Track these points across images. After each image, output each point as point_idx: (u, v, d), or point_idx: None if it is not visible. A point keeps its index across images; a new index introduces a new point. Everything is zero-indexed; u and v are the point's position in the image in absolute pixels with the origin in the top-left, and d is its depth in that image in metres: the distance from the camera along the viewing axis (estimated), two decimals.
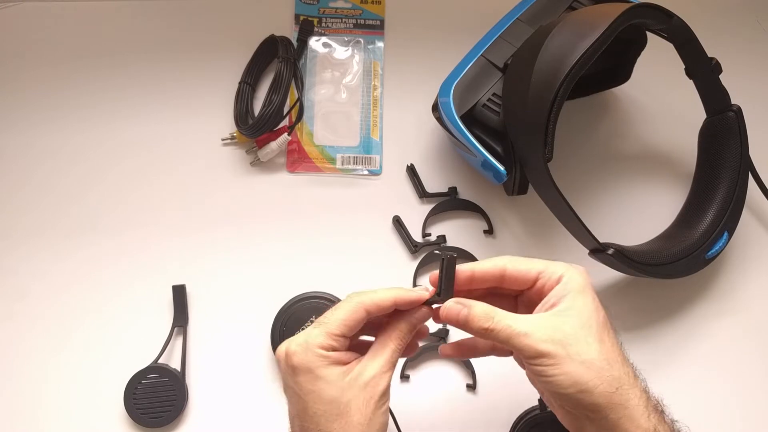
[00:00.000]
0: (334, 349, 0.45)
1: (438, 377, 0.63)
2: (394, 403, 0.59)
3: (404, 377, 0.62)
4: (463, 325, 0.45)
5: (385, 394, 0.45)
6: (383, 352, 0.46)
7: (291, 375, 0.45)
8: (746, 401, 0.62)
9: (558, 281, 0.46)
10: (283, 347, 0.46)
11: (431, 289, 0.48)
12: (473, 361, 0.62)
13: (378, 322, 0.49)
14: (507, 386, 0.62)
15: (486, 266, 0.47)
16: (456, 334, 0.63)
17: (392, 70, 0.70)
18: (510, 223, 0.66)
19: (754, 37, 0.72)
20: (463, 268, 0.47)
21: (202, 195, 0.66)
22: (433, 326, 0.63)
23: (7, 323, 0.63)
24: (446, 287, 0.47)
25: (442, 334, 0.62)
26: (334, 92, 0.70)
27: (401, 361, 0.62)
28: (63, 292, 0.64)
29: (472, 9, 0.70)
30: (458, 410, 0.62)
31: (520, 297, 0.50)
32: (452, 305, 0.46)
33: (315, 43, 0.71)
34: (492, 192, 0.66)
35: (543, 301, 0.46)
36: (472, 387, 0.62)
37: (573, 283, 0.45)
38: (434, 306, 0.48)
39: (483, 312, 0.45)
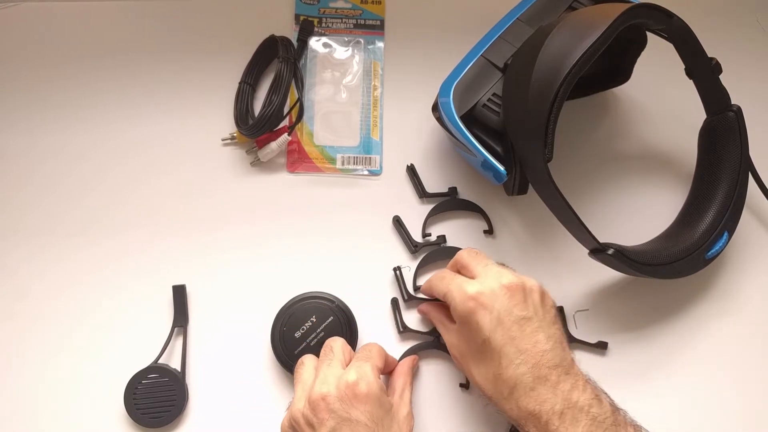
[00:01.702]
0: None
1: (431, 376, 0.62)
2: None
3: None
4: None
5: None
6: (405, 398, 0.56)
7: (357, 404, 0.50)
8: (746, 401, 0.62)
9: (451, 306, 0.54)
10: (325, 388, 0.50)
11: None
12: None
13: None
14: None
15: (424, 287, 0.60)
16: None
17: (392, 70, 0.70)
18: (510, 223, 0.66)
19: (754, 37, 0.72)
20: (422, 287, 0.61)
21: (202, 195, 0.66)
22: (428, 324, 0.63)
23: (8, 323, 0.63)
24: (402, 289, 0.64)
25: (437, 333, 0.62)
26: (334, 92, 0.70)
27: (397, 358, 0.62)
28: (63, 292, 0.64)
29: (472, 9, 0.70)
30: (452, 409, 0.61)
31: None
32: (419, 308, 0.63)
33: (315, 43, 0.71)
34: (492, 192, 0.66)
35: None
36: (465, 386, 0.62)
37: (456, 314, 0.54)
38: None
39: (431, 317, 0.60)
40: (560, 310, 0.64)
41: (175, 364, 0.62)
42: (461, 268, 0.57)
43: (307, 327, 0.60)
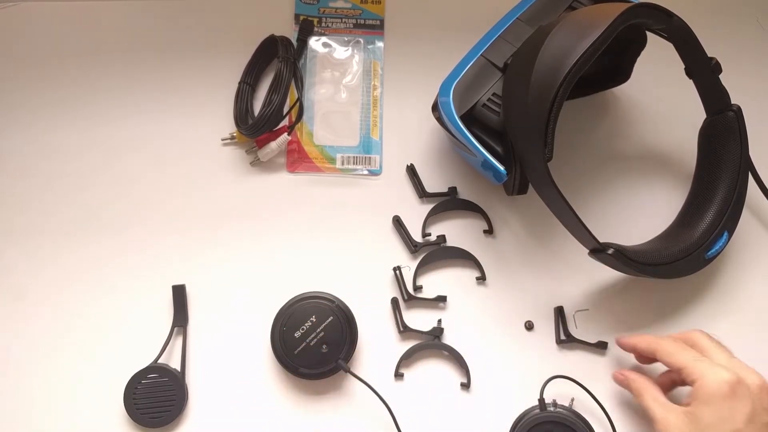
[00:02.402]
0: None
1: (432, 375, 0.62)
2: (391, 401, 0.59)
3: (398, 375, 0.62)
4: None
5: None
6: None
7: None
8: None
9: (692, 383, 0.52)
10: None
11: None
12: (468, 360, 0.62)
13: None
14: (503, 386, 0.62)
15: (642, 345, 0.57)
16: (449, 333, 0.63)
17: (392, 70, 0.70)
18: (510, 223, 0.66)
19: (754, 37, 0.72)
20: (626, 342, 0.59)
21: (202, 195, 0.66)
22: (428, 324, 0.63)
23: (7, 323, 0.63)
24: (402, 289, 0.60)
25: (437, 333, 0.62)
26: (333, 92, 0.70)
27: (395, 358, 0.62)
28: (63, 292, 0.64)
29: (472, 9, 0.70)
30: (453, 409, 0.62)
31: None
32: (616, 374, 0.60)
33: (315, 43, 0.71)
34: (492, 192, 0.66)
35: (686, 394, 0.53)
36: (466, 386, 0.62)
37: (701, 391, 0.51)
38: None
39: (635, 389, 0.57)
40: (560, 310, 0.64)
41: (175, 364, 0.62)
42: (699, 349, 0.55)
43: (307, 327, 0.60)
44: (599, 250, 0.57)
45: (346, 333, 0.60)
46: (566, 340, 0.62)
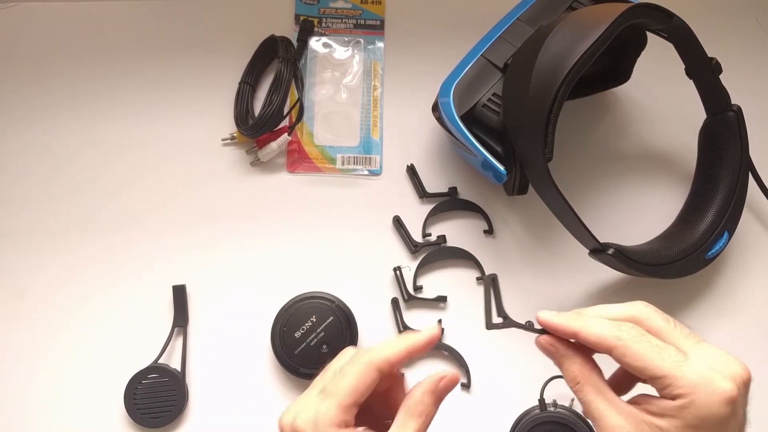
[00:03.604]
0: (346, 425, 0.39)
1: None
2: None
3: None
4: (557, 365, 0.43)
5: None
6: None
7: None
8: None
9: (675, 398, 0.38)
10: (287, 420, 0.41)
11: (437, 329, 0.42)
12: (469, 360, 0.62)
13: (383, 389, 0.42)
14: (503, 386, 0.62)
15: (593, 338, 0.40)
16: (449, 333, 0.63)
17: (392, 70, 0.70)
18: (510, 223, 0.66)
19: (754, 37, 0.72)
20: (565, 323, 0.42)
21: (202, 195, 0.66)
22: (428, 324, 0.63)
23: (7, 323, 0.63)
24: (402, 289, 0.60)
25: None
26: (334, 92, 0.70)
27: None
28: (63, 292, 0.64)
29: (472, 9, 0.70)
30: (453, 409, 0.61)
31: None
32: (543, 342, 0.43)
33: (315, 43, 0.71)
34: (492, 192, 0.66)
35: (649, 399, 0.40)
36: (466, 386, 0.62)
37: (690, 413, 0.38)
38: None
39: (572, 373, 0.42)
40: (493, 279, 0.63)
41: (175, 364, 0.62)
42: (653, 333, 0.41)
43: (307, 327, 0.60)
44: (599, 250, 0.57)
45: (346, 333, 0.60)
46: (502, 324, 0.48)
